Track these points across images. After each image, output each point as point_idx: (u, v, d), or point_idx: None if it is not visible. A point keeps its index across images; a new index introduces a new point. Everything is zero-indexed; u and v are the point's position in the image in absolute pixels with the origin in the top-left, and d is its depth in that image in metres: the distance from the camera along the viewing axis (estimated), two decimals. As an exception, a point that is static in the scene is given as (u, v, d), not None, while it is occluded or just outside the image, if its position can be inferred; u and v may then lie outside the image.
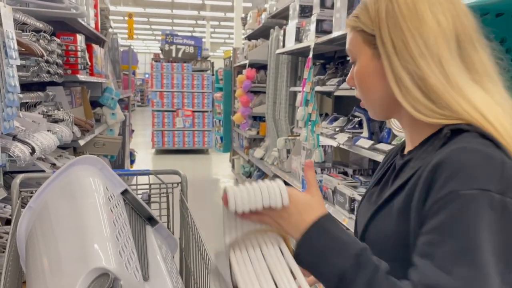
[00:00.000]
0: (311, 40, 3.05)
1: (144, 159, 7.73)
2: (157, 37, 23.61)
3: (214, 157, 8.47)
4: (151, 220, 1.30)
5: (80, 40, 2.90)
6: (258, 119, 5.62)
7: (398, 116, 0.84)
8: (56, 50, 2.37)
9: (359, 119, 2.77)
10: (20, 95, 1.62)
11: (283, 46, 4.08)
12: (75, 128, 2.54)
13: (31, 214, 1.08)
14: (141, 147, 8.46)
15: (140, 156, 7.01)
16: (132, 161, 5.73)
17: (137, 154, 6.23)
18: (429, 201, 0.66)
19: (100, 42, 4.02)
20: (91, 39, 3.70)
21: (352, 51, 0.84)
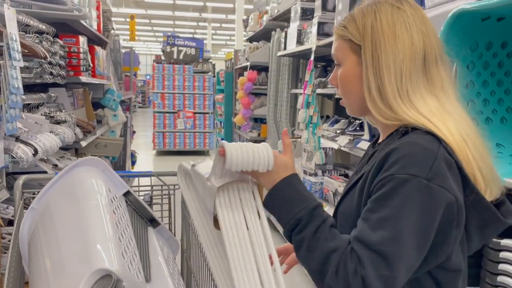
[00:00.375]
0: (313, 43, 3.06)
1: (145, 160, 7.74)
2: (159, 39, 23.64)
3: (215, 159, 8.46)
4: (153, 222, 1.30)
5: (83, 42, 2.91)
6: (259, 121, 5.63)
7: (369, 115, 0.97)
8: (59, 52, 2.38)
9: (360, 122, 2.77)
10: (23, 97, 1.63)
11: (285, 49, 4.09)
12: (77, 130, 2.55)
13: (34, 215, 1.09)
14: (142, 148, 8.46)
15: (141, 157, 7.01)
16: (133, 162, 5.74)
17: (138, 155, 6.23)
18: (375, 181, 0.84)
19: (102, 44, 4.03)
20: (93, 41, 3.71)
21: (338, 56, 0.96)
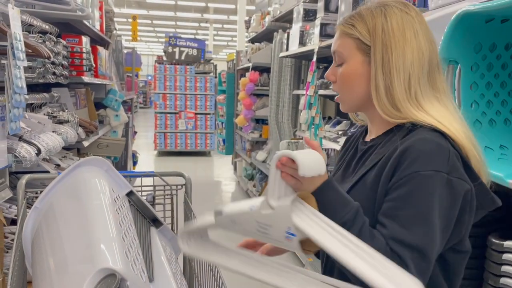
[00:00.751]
0: (315, 44, 3.06)
1: (146, 161, 7.74)
2: (160, 39, 23.69)
3: (216, 160, 8.48)
4: (156, 222, 1.30)
5: (85, 42, 2.92)
6: (261, 122, 5.63)
7: (366, 111, 1.02)
8: (62, 52, 2.38)
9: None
10: (26, 96, 1.63)
11: (287, 50, 4.09)
12: (80, 130, 2.55)
13: (37, 215, 1.09)
14: (143, 149, 8.47)
15: (143, 158, 7.01)
16: (135, 163, 5.74)
17: (140, 156, 6.24)
18: (395, 178, 0.86)
19: (105, 44, 4.04)
20: (96, 41, 3.72)
21: (342, 53, 0.97)
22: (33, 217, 1.09)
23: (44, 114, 2.28)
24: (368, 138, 1.04)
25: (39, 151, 1.73)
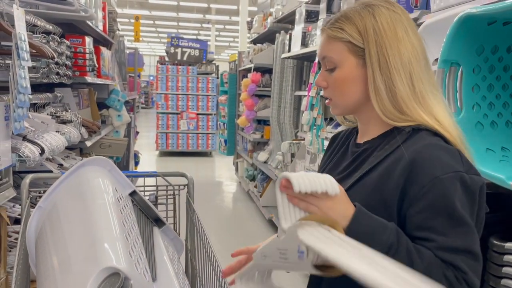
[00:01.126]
0: (317, 45, 3.06)
1: (148, 161, 7.75)
2: (163, 40, 23.71)
3: (218, 160, 8.48)
4: (158, 222, 1.31)
5: (89, 42, 2.93)
6: (263, 123, 5.63)
7: (359, 114, 1.00)
8: (65, 52, 2.39)
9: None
10: (30, 96, 1.64)
11: (289, 51, 4.09)
12: (83, 129, 2.56)
13: (41, 214, 1.09)
14: (145, 149, 8.48)
15: (144, 158, 7.02)
16: (137, 163, 5.75)
17: (141, 156, 6.24)
18: (414, 189, 0.84)
19: (108, 44, 4.05)
20: (99, 41, 3.73)
21: (333, 58, 0.94)
22: (37, 217, 1.09)
23: (48, 114, 2.29)
24: (361, 141, 1.01)
25: (43, 151, 1.73)
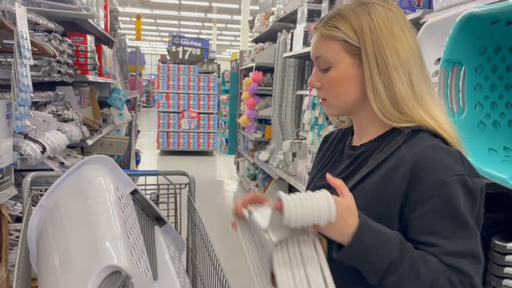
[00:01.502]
0: (319, 44, 3.05)
1: (149, 160, 7.76)
2: (164, 39, 23.69)
3: (219, 159, 8.48)
4: (160, 220, 1.31)
5: (90, 41, 2.93)
6: (264, 122, 5.63)
7: (355, 115, 0.97)
8: (67, 51, 2.39)
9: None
10: (32, 94, 1.64)
11: (291, 50, 4.09)
12: (84, 128, 2.56)
13: (42, 212, 1.09)
14: (146, 148, 8.48)
15: (145, 157, 7.03)
16: (138, 162, 5.76)
17: (142, 155, 6.25)
18: (417, 193, 0.82)
19: (109, 43, 4.05)
20: (100, 40, 3.73)
21: (328, 58, 0.91)
22: (38, 215, 1.09)
23: (49, 113, 2.29)
24: (357, 143, 0.98)
25: (44, 149, 1.74)
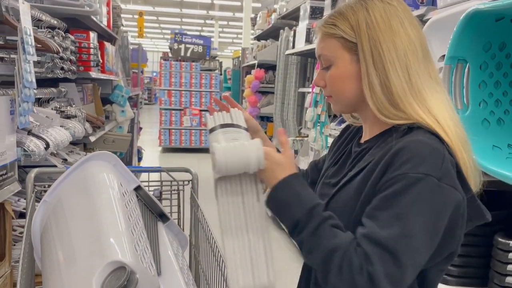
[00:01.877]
0: (322, 42, 3.05)
1: (151, 157, 7.76)
2: (166, 36, 23.68)
3: (221, 157, 8.47)
4: (163, 217, 1.31)
5: (93, 38, 2.93)
6: (266, 119, 5.63)
7: (360, 112, 0.97)
8: (70, 47, 2.39)
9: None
10: (35, 91, 1.64)
11: (293, 47, 4.09)
12: (87, 125, 2.56)
13: (46, 208, 1.09)
14: (148, 145, 8.48)
15: (147, 154, 7.02)
16: (140, 159, 5.76)
17: (144, 152, 6.25)
18: (384, 179, 0.81)
19: (112, 40, 4.05)
20: (103, 37, 3.73)
21: (328, 56, 0.93)
22: (42, 211, 1.09)
23: (52, 109, 2.29)
24: (363, 140, 0.99)
25: (48, 145, 1.74)
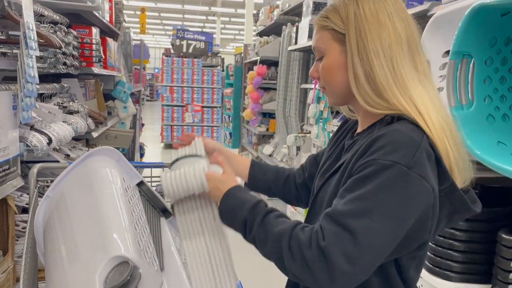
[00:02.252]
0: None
1: (153, 153, 7.77)
2: (168, 32, 23.68)
3: (223, 153, 8.47)
4: (166, 212, 1.31)
5: (95, 33, 2.92)
6: (268, 116, 5.63)
7: (353, 104, 0.98)
8: (72, 42, 2.39)
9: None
10: (38, 86, 1.64)
11: (295, 43, 4.07)
12: (89, 120, 2.56)
13: (49, 203, 1.09)
14: (150, 141, 8.50)
15: (149, 150, 7.03)
16: (142, 155, 5.77)
17: (146, 148, 6.26)
18: (358, 163, 0.84)
19: (114, 36, 4.05)
20: (105, 32, 3.72)
21: (321, 48, 0.96)
22: (45, 206, 1.09)
23: (55, 104, 2.29)
24: (356, 133, 1.01)
25: (50, 141, 1.74)
